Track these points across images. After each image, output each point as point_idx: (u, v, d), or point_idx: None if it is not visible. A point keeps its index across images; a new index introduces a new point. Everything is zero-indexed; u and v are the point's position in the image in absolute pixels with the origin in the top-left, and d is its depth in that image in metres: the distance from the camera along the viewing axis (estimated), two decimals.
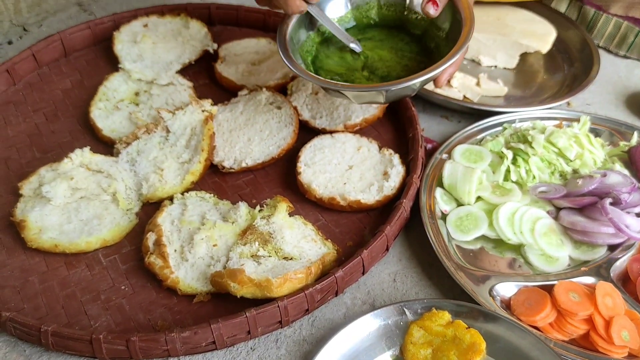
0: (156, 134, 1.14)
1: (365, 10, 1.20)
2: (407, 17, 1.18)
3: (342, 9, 1.19)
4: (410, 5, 1.17)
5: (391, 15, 1.19)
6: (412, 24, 1.18)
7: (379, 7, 1.20)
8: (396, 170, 1.10)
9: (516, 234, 1.02)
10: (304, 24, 1.14)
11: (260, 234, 0.97)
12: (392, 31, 1.19)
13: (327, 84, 1.01)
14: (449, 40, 1.09)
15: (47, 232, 0.99)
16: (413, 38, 1.17)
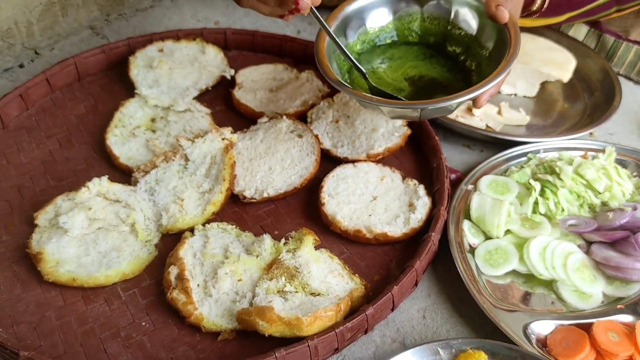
0: (175, 162, 1.11)
1: (407, 21, 1.17)
2: (450, 32, 1.15)
3: (384, 19, 1.16)
4: (454, 20, 1.14)
5: (434, 28, 1.16)
6: (455, 40, 1.14)
7: (422, 19, 1.16)
8: (422, 202, 1.07)
9: (548, 269, 1.00)
10: (343, 31, 1.12)
11: (287, 268, 0.94)
12: (431, 50, 1.17)
13: (363, 97, 0.98)
14: (492, 60, 1.06)
15: (64, 265, 0.95)
16: (450, 58, 1.15)
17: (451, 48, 1.15)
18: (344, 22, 1.11)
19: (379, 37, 1.17)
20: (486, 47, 1.09)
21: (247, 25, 1.57)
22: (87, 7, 1.47)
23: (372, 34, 1.16)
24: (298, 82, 1.31)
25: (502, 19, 1.01)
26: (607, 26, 1.47)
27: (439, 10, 1.14)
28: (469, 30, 1.12)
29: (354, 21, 1.13)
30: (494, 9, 1.01)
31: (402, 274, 0.96)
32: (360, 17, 1.14)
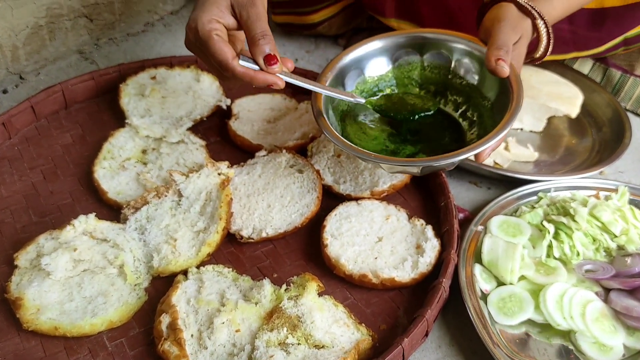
0: (167, 198, 1.04)
1: (407, 70, 1.13)
2: (451, 81, 1.11)
3: (383, 68, 1.13)
4: (455, 69, 1.10)
5: (434, 77, 1.13)
6: (456, 89, 1.11)
7: (422, 68, 1.13)
8: (431, 244, 1.01)
9: (566, 319, 0.94)
10: (341, 81, 1.09)
11: (288, 317, 0.87)
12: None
13: (362, 154, 0.94)
14: (494, 111, 1.03)
15: (46, 312, 0.87)
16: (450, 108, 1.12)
17: (452, 97, 1.11)
18: (341, 71, 1.08)
19: (377, 86, 1.13)
20: (488, 97, 1.05)
21: None
22: (76, 31, 1.41)
23: (371, 83, 1.13)
24: (297, 113, 1.26)
25: (502, 74, 0.97)
26: (613, 60, 1.43)
27: (440, 59, 1.11)
28: (470, 80, 1.09)
29: (352, 71, 1.10)
30: (494, 63, 0.97)
31: (412, 324, 0.90)
32: (358, 67, 1.11)
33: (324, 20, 1.47)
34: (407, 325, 0.93)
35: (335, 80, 1.07)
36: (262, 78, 0.91)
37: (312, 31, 1.51)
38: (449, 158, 0.91)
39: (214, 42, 0.90)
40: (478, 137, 1.03)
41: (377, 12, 1.36)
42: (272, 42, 0.91)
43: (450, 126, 1.09)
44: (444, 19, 1.30)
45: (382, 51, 1.12)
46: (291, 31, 1.54)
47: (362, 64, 1.11)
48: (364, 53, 1.10)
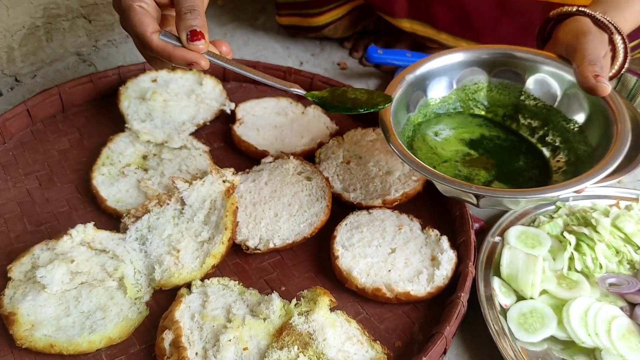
0: (169, 206, 0.99)
1: (472, 91, 1.05)
2: (523, 103, 1.02)
3: (445, 89, 1.04)
4: (528, 90, 1.01)
5: (503, 99, 1.04)
6: (530, 112, 1.02)
7: (489, 89, 1.04)
8: (447, 256, 0.96)
9: (591, 336, 0.89)
10: (405, 104, 1.00)
11: (299, 335, 0.82)
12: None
13: (463, 186, 0.85)
14: (587, 135, 0.94)
15: (41, 328, 0.82)
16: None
17: (525, 121, 1.03)
18: (406, 93, 0.99)
19: (440, 109, 1.05)
20: (573, 120, 0.97)
21: (246, 55, 1.46)
22: (74, 32, 1.36)
23: (433, 106, 1.05)
24: (304, 118, 1.21)
25: (603, 91, 0.87)
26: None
27: (510, 79, 1.02)
28: (547, 101, 1.00)
29: (415, 92, 1.01)
30: (593, 80, 0.87)
31: (429, 341, 0.85)
32: (421, 87, 1.02)
33: (330, 23, 1.43)
34: (423, 342, 0.88)
35: (398, 104, 0.97)
36: (181, 55, 0.81)
37: (318, 34, 1.46)
38: (555, 190, 0.82)
39: (134, 13, 0.82)
40: (569, 164, 0.95)
41: (387, 13, 1.32)
42: (201, 18, 0.82)
43: (527, 150, 1.01)
44: (460, 19, 1.25)
45: (445, 70, 1.03)
46: (296, 33, 1.50)
47: (425, 85, 1.02)
48: (425, 72, 1.01)
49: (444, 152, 1.01)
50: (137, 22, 0.82)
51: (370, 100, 0.93)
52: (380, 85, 1.40)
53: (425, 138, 1.01)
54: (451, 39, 1.29)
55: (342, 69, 1.45)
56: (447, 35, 1.29)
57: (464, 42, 1.27)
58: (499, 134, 1.04)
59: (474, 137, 1.04)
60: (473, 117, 1.06)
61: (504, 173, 0.97)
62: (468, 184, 0.86)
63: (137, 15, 0.82)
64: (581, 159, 0.94)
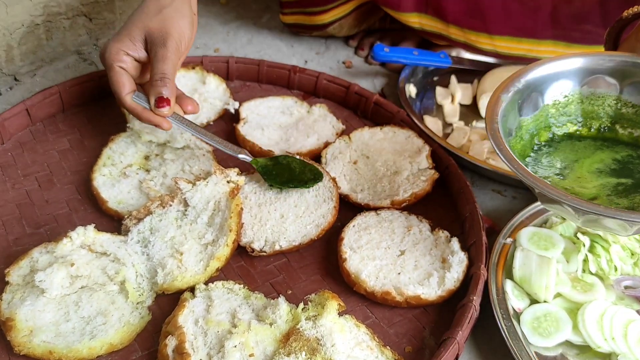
0: (172, 208, 0.96)
1: (599, 104, 0.91)
2: (620, 112, 0.90)
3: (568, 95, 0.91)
4: (624, 98, 0.89)
5: (633, 116, 0.89)
6: (629, 120, 0.90)
7: (618, 101, 0.91)
8: (458, 258, 0.93)
9: (607, 341, 0.86)
10: (518, 105, 0.88)
11: (307, 340, 0.79)
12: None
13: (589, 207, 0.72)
14: None
15: (39, 334, 0.79)
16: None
17: (625, 131, 0.91)
18: (523, 91, 0.87)
19: (557, 121, 0.92)
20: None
21: (250, 54, 1.44)
22: (75, 31, 1.33)
23: (552, 118, 0.92)
24: (310, 118, 1.18)
25: None
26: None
27: (602, 87, 0.90)
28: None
29: (532, 94, 0.89)
30: None
31: (441, 346, 0.82)
32: (538, 90, 0.89)
33: (335, 21, 1.40)
34: (434, 347, 0.86)
35: (510, 103, 0.85)
36: (147, 117, 0.97)
37: (322, 32, 1.43)
38: None
39: (113, 73, 0.97)
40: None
41: (393, 7, 1.29)
42: (170, 86, 0.95)
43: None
44: (470, 10, 1.22)
45: (571, 74, 0.90)
46: (300, 32, 1.47)
47: (543, 88, 0.89)
48: (547, 73, 0.89)
49: (586, 190, 0.85)
50: (115, 82, 0.97)
51: (301, 175, 1.01)
52: (386, 83, 1.37)
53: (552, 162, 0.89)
54: (460, 32, 1.26)
55: (348, 67, 1.42)
56: (455, 28, 1.26)
57: (473, 35, 1.24)
58: (630, 152, 0.90)
59: (607, 163, 0.89)
60: (579, 141, 0.92)
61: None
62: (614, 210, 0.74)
63: (115, 75, 0.97)
64: None
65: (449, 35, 1.28)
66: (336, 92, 1.26)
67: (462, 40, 1.27)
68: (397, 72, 1.37)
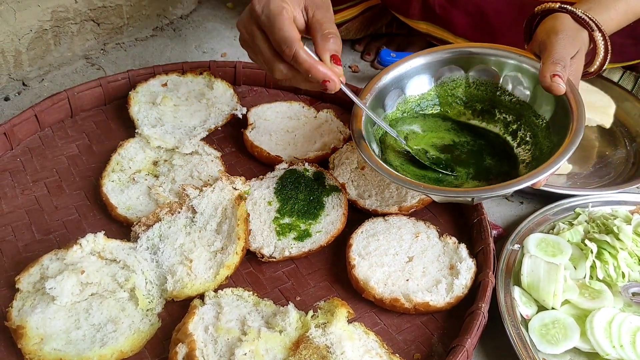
0: (181, 214, 0.96)
1: (451, 87, 1.06)
2: (499, 98, 1.04)
3: (425, 86, 1.06)
4: (504, 86, 1.02)
5: (480, 94, 1.05)
6: (505, 107, 1.03)
7: (467, 85, 1.05)
8: (466, 265, 0.94)
9: (615, 348, 0.86)
10: (381, 103, 1.02)
11: (317, 348, 0.79)
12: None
13: (412, 185, 0.89)
14: (551, 131, 0.95)
15: (50, 341, 0.79)
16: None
17: (501, 115, 1.04)
18: (382, 92, 1.01)
19: (419, 106, 1.07)
20: (542, 116, 0.98)
21: None
22: (83, 35, 1.34)
23: (412, 103, 1.06)
24: (317, 123, 1.18)
25: (558, 91, 0.89)
26: None
27: (487, 75, 1.04)
28: (521, 97, 1.01)
29: (392, 90, 1.03)
30: (549, 79, 0.88)
31: (450, 354, 0.82)
32: (399, 86, 1.04)
33: (342, 24, 1.40)
34: (442, 354, 0.86)
35: (375, 101, 1.00)
36: (323, 71, 0.85)
37: None
38: (505, 188, 0.85)
39: (284, 18, 0.85)
40: (533, 158, 0.96)
41: (401, 13, 1.29)
42: (340, 45, 0.88)
43: (498, 148, 1.02)
44: (477, 24, 1.22)
45: (424, 68, 1.05)
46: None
47: (403, 83, 1.04)
48: (404, 71, 1.04)
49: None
50: (287, 26, 0.84)
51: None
52: None
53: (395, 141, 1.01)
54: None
55: (354, 72, 1.42)
56: (463, 40, 1.26)
57: None
58: (468, 139, 1.04)
59: (445, 142, 1.04)
60: (444, 121, 1.06)
61: (475, 171, 0.99)
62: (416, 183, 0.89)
63: (286, 20, 0.85)
64: (544, 154, 0.94)
65: None
66: (343, 97, 1.25)
67: None
68: None
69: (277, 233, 0.97)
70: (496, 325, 0.89)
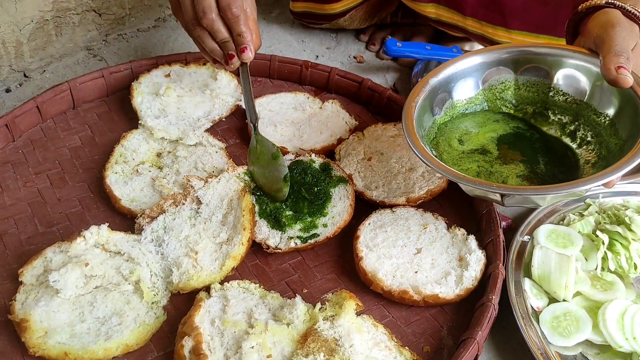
0: (185, 206, 0.95)
1: (499, 90, 1.02)
2: (552, 99, 0.99)
3: (472, 89, 1.02)
4: (557, 85, 0.98)
5: (531, 96, 1.01)
6: (559, 108, 0.99)
7: (517, 87, 1.01)
8: (476, 257, 0.92)
9: (628, 340, 0.85)
10: (430, 107, 0.98)
11: (325, 341, 0.78)
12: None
13: (481, 185, 0.84)
14: (618, 127, 0.91)
15: (54, 335, 0.78)
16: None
17: (556, 117, 0.99)
18: (430, 96, 0.97)
19: (467, 110, 1.02)
20: (604, 113, 0.94)
21: (261, 49, 1.41)
22: (84, 26, 1.32)
23: (460, 107, 1.02)
24: (323, 114, 1.17)
25: (625, 83, 0.84)
26: None
27: (538, 75, 0.99)
28: (577, 96, 0.97)
29: (440, 95, 0.99)
30: (615, 72, 0.84)
31: (461, 346, 0.81)
32: (446, 90, 1.00)
33: (346, 12, 1.38)
34: (452, 347, 0.85)
35: (423, 107, 0.95)
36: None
37: (333, 23, 1.41)
38: (577, 185, 0.80)
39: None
40: (600, 158, 0.92)
41: None
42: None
43: (554, 147, 0.98)
44: (488, 3, 1.20)
45: (470, 71, 1.00)
46: (310, 23, 1.45)
47: (450, 87, 1.00)
48: (451, 74, 0.99)
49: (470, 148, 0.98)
50: None
51: None
52: (398, 78, 1.35)
53: (451, 139, 0.98)
54: (477, 25, 1.23)
55: (359, 62, 1.41)
56: (473, 20, 1.23)
57: (490, 28, 1.22)
58: (526, 130, 1.01)
59: (502, 133, 1.00)
60: (498, 115, 1.03)
61: (530, 170, 0.94)
62: (489, 183, 0.86)
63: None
64: (612, 153, 0.90)
65: (465, 27, 1.26)
66: (348, 88, 1.24)
67: (479, 32, 1.25)
68: (409, 67, 1.36)
69: (283, 224, 0.95)
70: (506, 317, 0.88)
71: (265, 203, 0.97)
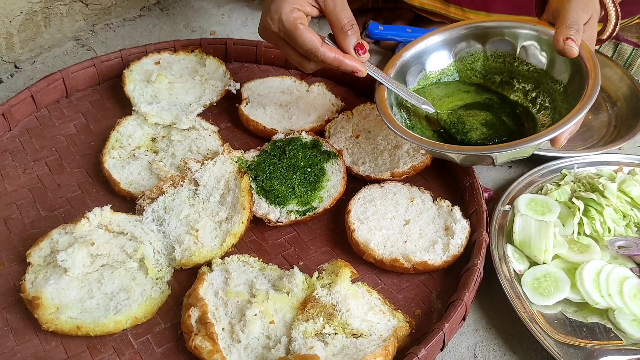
0: (184, 187, 0.99)
1: (470, 62, 1.09)
2: (517, 68, 1.07)
3: (444, 61, 1.09)
4: (520, 56, 1.05)
5: (498, 66, 1.08)
6: (523, 76, 1.06)
7: (485, 58, 1.09)
8: (461, 226, 0.98)
9: (604, 297, 0.91)
10: (402, 78, 1.07)
11: (323, 306, 0.83)
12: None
13: (432, 145, 0.93)
14: (569, 94, 0.98)
15: (66, 310, 0.82)
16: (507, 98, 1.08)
17: (520, 85, 1.07)
18: (402, 68, 1.06)
19: (439, 80, 1.10)
20: (560, 81, 1.01)
21: (245, 36, 1.46)
22: (72, 17, 1.34)
23: (433, 78, 1.10)
24: (309, 96, 1.21)
25: (571, 54, 0.91)
26: (624, 34, 1.41)
27: (504, 47, 1.07)
28: (538, 65, 1.04)
29: (413, 66, 1.07)
30: (562, 43, 0.91)
31: (450, 308, 0.87)
32: (419, 62, 1.08)
33: None
34: (441, 310, 0.90)
35: (396, 78, 1.03)
36: (350, 64, 0.95)
37: None
38: (525, 143, 0.87)
39: (301, 32, 0.92)
40: (553, 121, 0.99)
41: None
42: (358, 32, 0.95)
43: (519, 116, 1.05)
44: None
45: (443, 44, 1.08)
46: None
47: (423, 59, 1.08)
48: (424, 48, 1.07)
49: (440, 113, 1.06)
50: (307, 39, 0.93)
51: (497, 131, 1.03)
52: (380, 60, 1.40)
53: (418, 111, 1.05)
54: (460, 11, 1.29)
55: None
56: (455, 7, 1.29)
57: (472, 14, 1.27)
58: (492, 96, 1.08)
59: (469, 101, 1.07)
60: (469, 86, 1.10)
61: (495, 136, 1.01)
62: (448, 146, 0.94)
63: (304, 33, 0.92)
64: (564, 117, 0.95)
65: (447, 14, 1.31)
66: (333, 70, 1.28)
67: (461, 19, 1.30)
68: (391, 50, 1.40)
69: (282, 200, 1.00)
70: (491, 282, 0.94)
71: (261, 181, 1.02)
